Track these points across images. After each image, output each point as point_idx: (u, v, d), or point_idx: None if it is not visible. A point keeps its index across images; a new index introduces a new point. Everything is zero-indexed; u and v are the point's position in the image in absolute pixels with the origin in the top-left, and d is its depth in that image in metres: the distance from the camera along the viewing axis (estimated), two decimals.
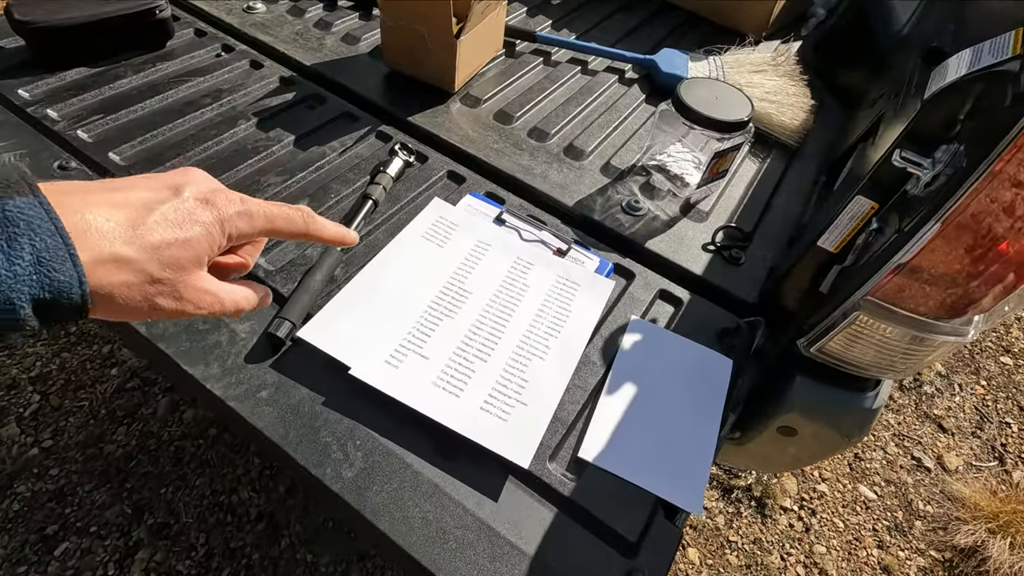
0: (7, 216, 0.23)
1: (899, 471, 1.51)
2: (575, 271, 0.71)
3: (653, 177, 0.90)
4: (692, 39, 1.20)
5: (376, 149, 0.85)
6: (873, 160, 0.62)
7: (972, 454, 1.57)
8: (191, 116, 0.84)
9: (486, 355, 0.61)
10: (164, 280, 0.27)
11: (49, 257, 0.23)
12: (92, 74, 0.87)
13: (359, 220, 0.73)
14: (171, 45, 0.96)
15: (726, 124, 0.78)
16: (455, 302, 0.66)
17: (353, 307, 0.62)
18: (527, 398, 0.59)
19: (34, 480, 1.23)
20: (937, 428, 1.61)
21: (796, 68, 1.06)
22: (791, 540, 1.35)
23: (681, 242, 0.81)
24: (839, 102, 1.08)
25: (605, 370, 0.65)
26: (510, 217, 0.76)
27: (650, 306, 0.72)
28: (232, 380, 0.57)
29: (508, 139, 0.91)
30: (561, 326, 0.66)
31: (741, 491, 1.41)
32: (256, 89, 0.91)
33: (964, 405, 1.68)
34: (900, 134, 0.54)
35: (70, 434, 1.31)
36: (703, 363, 0.67)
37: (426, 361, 0.60)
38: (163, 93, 0.86)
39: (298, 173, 0.79)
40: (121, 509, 1.22)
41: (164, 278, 0.27)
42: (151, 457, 1.28)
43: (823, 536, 1.37)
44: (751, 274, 0.78)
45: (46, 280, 0.23)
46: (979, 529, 1.37)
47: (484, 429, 0.55)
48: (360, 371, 0.58)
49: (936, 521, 1.43)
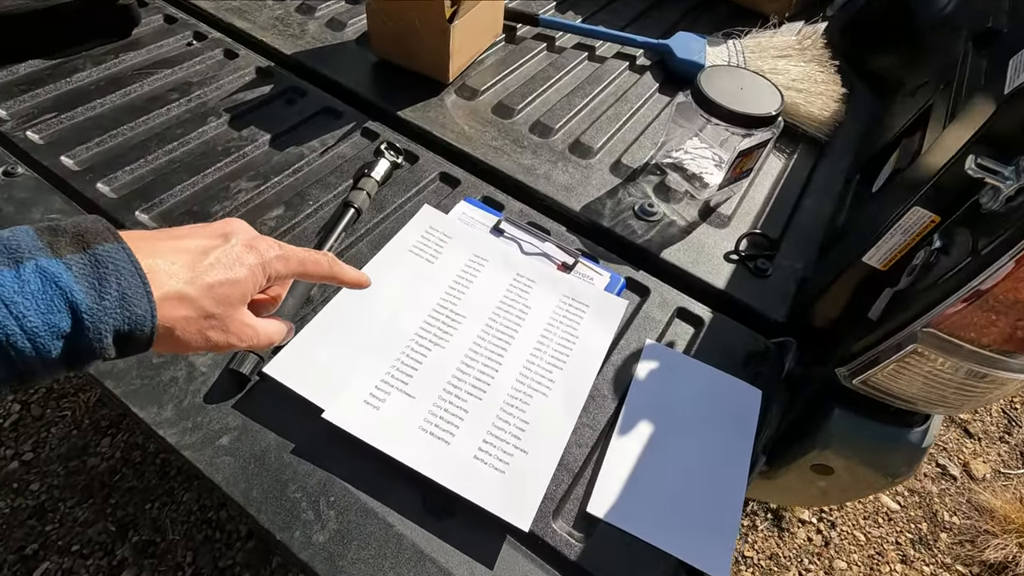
0: (99, 259, 0.26)
1: (923, 479, 1.43)
2: (583, 289, 0.63)
3: (668, 177, 0.81)
4: (709, 21, 1.10)
5: (361, 148, 0.77)
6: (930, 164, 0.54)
7: (1000, 461, 1.49)
8: (155, 113, 0.76)
9: (481, 392, 0.54)
10: (216, 315, 0.31)
11: (131, 294, 0.27)
12: (47, 67, 0.78)
13: (339, 232, 0.64)
14: (137, 33, 0.87)
15: (754, 119, 0.69)
16: (446, 329, 0.58)
17: (328, 336, 0.55)
18: (528, 444, 0.51)
19: (13, 496, 1.17)
20: (963, 433, 1.53)
21: (824, 52, 0.97)
22: (810, 555, 1.28)
23: (700, 251, 0.72)
24: (871, 90, 0.98)
25: (617, 405, 0.57)
26: (509, 226, 0.68)
27: (667, 327, 0.64)
28: (188, 424, 0.50)
29: (508, 135, 0.82)
30: (567, 355, 0.58)
31: (757, 503, 1.34)
32: (230, 82, 0.83)
33: (991, 408, 1.60)
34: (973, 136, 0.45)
35: (52, 446, 1.25)
36: (728, 395, 0.60)
37: (411, 401, 0.52)
38: (125, 88, 0.78)
39: (272, 177, 0.71)
40: (105, 526, 1.16)
41: (216, 313, 0.31)
42: (136, 471, 1.22)
43: (843, 550, 1.30)
44: (779, 288, 0.70)
45: (127, 314, 0.27)
46: (1010, 543, 1.30)
47: (478, 484, 0.48)
48: (335, 414, 0.50)
49: (963, 534, 1.35)
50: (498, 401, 0.53)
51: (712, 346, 0.64)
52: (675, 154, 0.81)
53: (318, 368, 0.52)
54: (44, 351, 0.25)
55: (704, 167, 0.80)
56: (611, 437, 0.55)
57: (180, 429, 0.50)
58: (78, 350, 0.26)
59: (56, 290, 0.25)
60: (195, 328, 0.31)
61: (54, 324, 0.25)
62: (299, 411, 0.51)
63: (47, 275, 0.25)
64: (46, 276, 0.25)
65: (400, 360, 0.55)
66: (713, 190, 0.78)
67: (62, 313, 0.25)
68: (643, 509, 0.51)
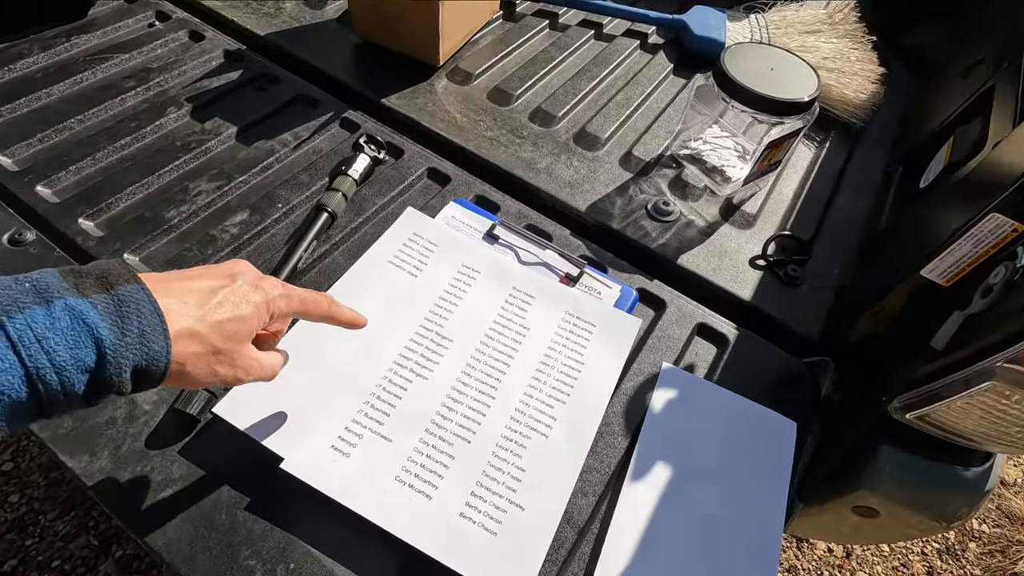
0: (121, 298, 0.28)
1: None
2: (589, 306, 0.55)
3: (686, 171, 0.72)
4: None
5: (340, 142, 0.69)
6: (1008, 160, 0.45)
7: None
8: (108, 104, 0.67)
9: (470, 433, 0.46)
10: (224, 350, 0.33)
11: (150, 331, 0.29)
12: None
13: (310, 239, 0.56)
14: (93, 13, 0.78)
15: (786, 105, 0.60)
16: (430, 356, 0.50)
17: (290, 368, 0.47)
18: (525, 496, 0.43)
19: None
20: None
21: (858, 27, 0.86)
22: (830, 567, 1.21)
23: (723, 256, 0.64)
24: (910, 70, 0.88)
25: (629, 443, 0.49)
26: (505, 232, 0.60)
27: (686, 347, 0.56)
28: (126, 475, 0.43)
29: (505, 125, 0.73)
30: (571, 385, 0.50)
31: None
32: (194, 67, 0.74)
33: None
34: None
35: (32, 455, 1.19)
36: (759, 428, 0.51)
37: (387, 445, 0.44)
38: (76, 75, 0.70)
39: (237, 176, 0.63)
40: (87, 540, 1.10)
41: (224, 348, 0.33)
42: None
43: (866, 562, 1.23)
44: (813, 298, 0.62)
45: (145, 350, 0.28)
46: None
47: (466, 550, 0.40)
48: (296, 464, 0.42)
49: (993, 543, 1.28)
50: (490, 444, 0.45)
51: (737, 369, 0.55)
52: (693, 144, 0.72)
53: (277, 407, 0.45)
54: (69, 384, 0.26)
55: (726, 159, 0.71)
56: (622, 483, 0.47)
57: (115, 481, 0.42)
58: (99, 384, 0.28)
59: (83, 327, 0.27)
60: (204, 363, 0.32)
61: (80, 359, 0.26)
62: (255, 459, 0.43)
63: (75, 313, 0.27)
64: (74, 314, 0.27)
65: (375, 395, 0.47)
66: (736, 185, 0.69)
67: (88, 348, 0.27)
68: (660, 571, 0.43)
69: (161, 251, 0.56)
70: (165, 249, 0.56)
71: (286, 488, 0.43)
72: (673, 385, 0.53)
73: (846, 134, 0.80)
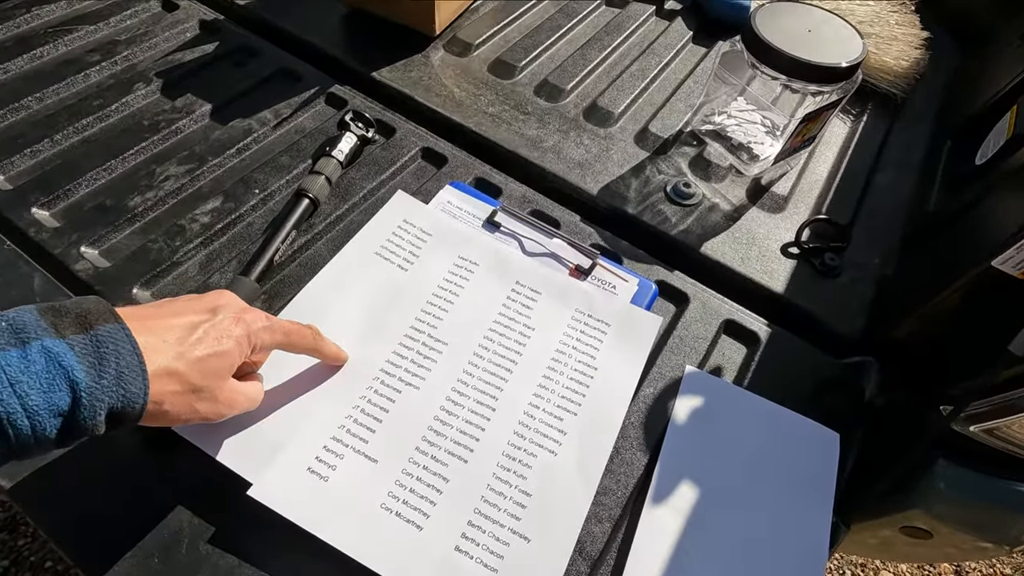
0: (100, 339, 0.28)
1: None
2: (603, 302, 0.49)
3: (708, 148, 0.65)
4: None
5: (325, 119, 0.62)
6: None
7: None
8: (70, 80, 0.61)
9: (467, 451, 0.40)
10: (204, 388, 0.32)
11: (127, 372, 0.28)
12: None
13: (288, 228, 0.50)
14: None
15: (828, 71, 0.53)
16: (421, 361, 0.44)
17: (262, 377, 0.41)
18: (531, 526, 0.37)
19: None
20: None
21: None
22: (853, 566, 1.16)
23: (751, 244, 0.57)
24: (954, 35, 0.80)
25: (649, 459, 0.43)
26: (507, 218, 0.53)
27: (712, 347, 0.50)
28: (69, 500, 0.37)
29: (508, 99, 0.67)
30: (583, 393, 0.44)
31: None
32: (165, 39, 0.67)
33: None
34: None
35: None
36: (797, 441, 0.45)
37: (372, 467, 0.39)
38: (36, 49, 0.63)
39: (210, 159, 0.56)
40: None
41: (204, 386, 0.32)
42: None
43: None
44: (853, 290, 0.55)
45: (122, 391, 0.28)
46: None
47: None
48: (266, 490, 0.37)
49: None
50: (490, 464, 0.39)
51: (770, 371, 0.49)
52: (716, 119, 0.65)
53: (245, 424, 0.39)
54: (40, 429, 0.26)
55: (753, 135, 0.64)
56: (642, 506, 0.41)
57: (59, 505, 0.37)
58: (71, 427, 0.27)
59: (59, 369, 0.26)
60: (184, 401, 0.31)
61: (54, 403, 0.26)
62: (222, 482, 0.38)
63: (51, 355, 0.26)
64: (50, 356, 0.26)
65: (359, 408, 0.41)
66: (765, 164, 0.62)
67: (62, 392, 0.26)
68: None
69: (123, 243, 0.50)
70: (127, 241, 0.50)
71: (257, 516, 0.37)
72: (698, 391, 0.47)
73: (885, 106, 0.73)
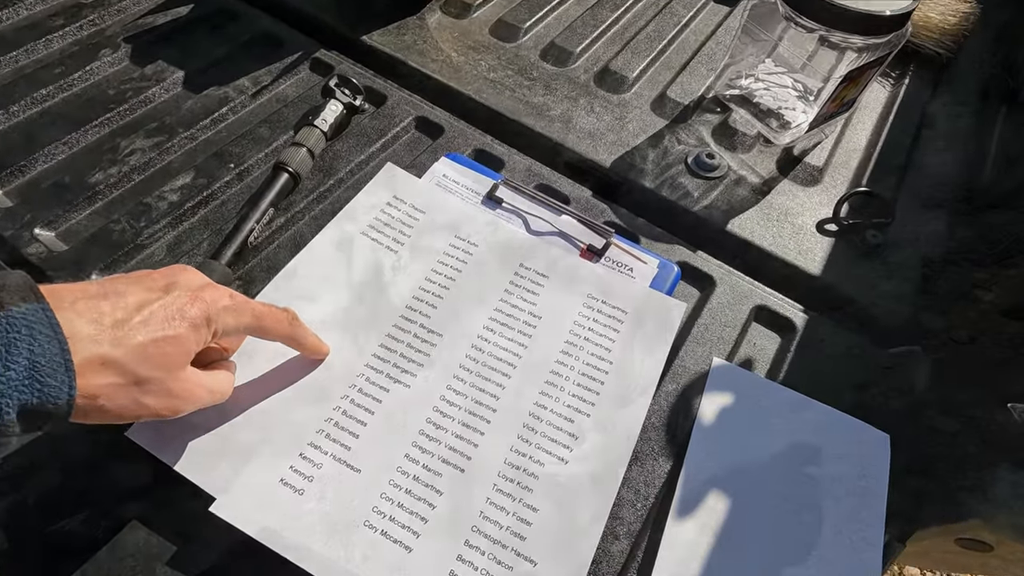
0: (11, 322, 0.23)
1: None
2: (619, 286, 0.43)
3: (734, 115, 0.59)
4: None
5: (309, 87, 0.56)
6: None
7: None
8: (29, 47, 0.56)
9: (464, 458, 0.35)
10: (151, 379, 0.27)
11: (45, 363, 0.24)
12: None
13: (265, 206, 0.45)
14: None
15: (874, 21, 0.46)
16: (413, 356, 0.38)
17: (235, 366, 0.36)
18: (536, 546, 0.32)
19: None
20: None
21: None
22: None
23: (783, 220, 0.51)
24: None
25: (673, 465, 0.38)
26: (510, 194, 0.48)
27: (742, 336, 0.44)
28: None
29: (511, 64, 0.61)
30: (596, 391, 0.38)
31: None
32: (135, 2, 0.62)
33: None
34: None
35: None
36: (840, 442, 0.40)
37: (355, 477, 0.34)
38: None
39: (181, 131, 0.51)
40: None
41: (151, 376, 0.27)
42: None
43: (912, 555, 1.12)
44: (899, 271, 0.49)
45: (36, 386, 0.24)
46: None
47: None
48: (232, 505, 0.32)
49: None
50: (490, 475, 0.34)
51: (807, 364, 0.44)
52: (743, 82, 0.59)
53: (208, 427, 0.34)
54: None
55: (783, 99, 0.58)
56: (665, 521, 0.36)
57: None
58: None
59: None
60: (125, 395, 0.27)
61: None
62: (182, 494, 0.33)
63: None
64: None
65: (340, 410, 0.36)
66: (798, 132, 0.56)
67: None
68: None
69: (82, 224, 0.45)
70: (87, 222, 0.45)
71: (222, 537, 0.32)
72: (727, 387, 0.41)
73: (928, 67, 0.66)
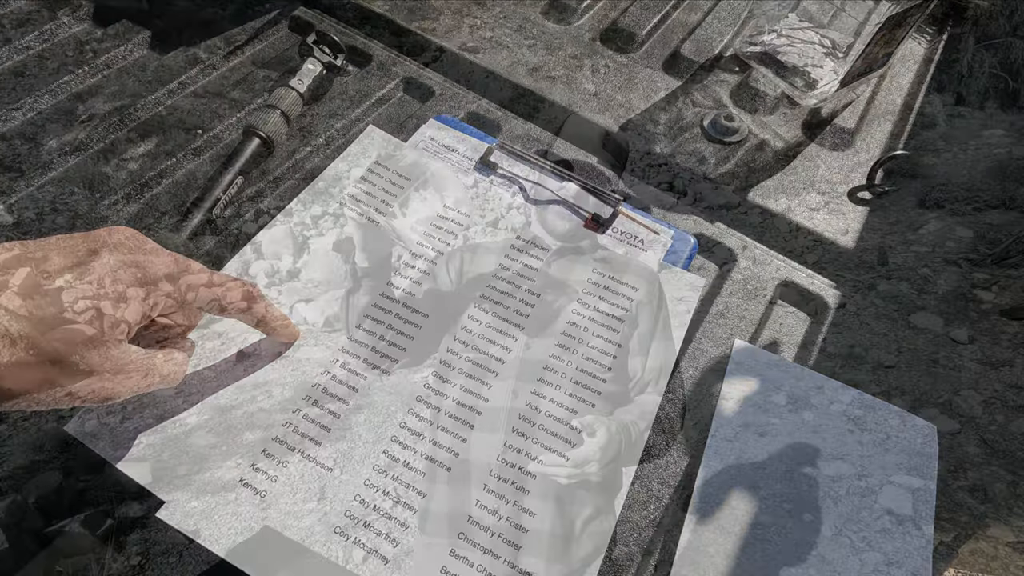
0: None
1: None
2: (628, 261, 0.38)
3: (755, 74, 0.53)
4: None
5: (287, 47, 0.51)
6: None
7: None
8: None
9: (451, 454, 0.31)
10: (70, 359, 0.23)
11: None
12: None
13: (233, 174, 0.40)
14: None
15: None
16: (394, 338, 0.34)
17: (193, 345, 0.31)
18: (532, 556, 0.28)
19: None
20: None
21: None
22: None
23: (810, 188, 0.46)
24: None
25: (691, 461, 0.33)
26: (507, 159, 0.43)
27: (766, 316, 0.40)
28: None
29: (508, 21, 0.55)
30: (603, 377, 0.34)
31: None
32: None
33: None
34: None
35: None
36: (880, 434, 0.35)
37: (326, 476, 0.29)
38: None
39: (145, 95, 0.46)
40: None
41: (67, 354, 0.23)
42: None
43: None
44: (942, 243, 0.44)
45: None
46: None
47: None
48: (181, 510, 0.28)
49: None
50: (480, 473, 0.30)
51: (839, 346, 0.39)
52: (764, 38, 0.53)
53: (156, 419, 0.30)
54: None
55: (809, 56, 0.52)
56: (682, 524, 0.31)
57: None
58: None
59: None
60: (35, 377, 0.22)
61: None
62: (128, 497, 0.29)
63: None
64: None
65: (310, 400, 0.31)
66: (825, 92, 0.50)
67: None
68: None
69: (32, 197, 0.41)
70: (37, 195, 0.41)
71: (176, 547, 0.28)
72: (751, 372, 0.37)
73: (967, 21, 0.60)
